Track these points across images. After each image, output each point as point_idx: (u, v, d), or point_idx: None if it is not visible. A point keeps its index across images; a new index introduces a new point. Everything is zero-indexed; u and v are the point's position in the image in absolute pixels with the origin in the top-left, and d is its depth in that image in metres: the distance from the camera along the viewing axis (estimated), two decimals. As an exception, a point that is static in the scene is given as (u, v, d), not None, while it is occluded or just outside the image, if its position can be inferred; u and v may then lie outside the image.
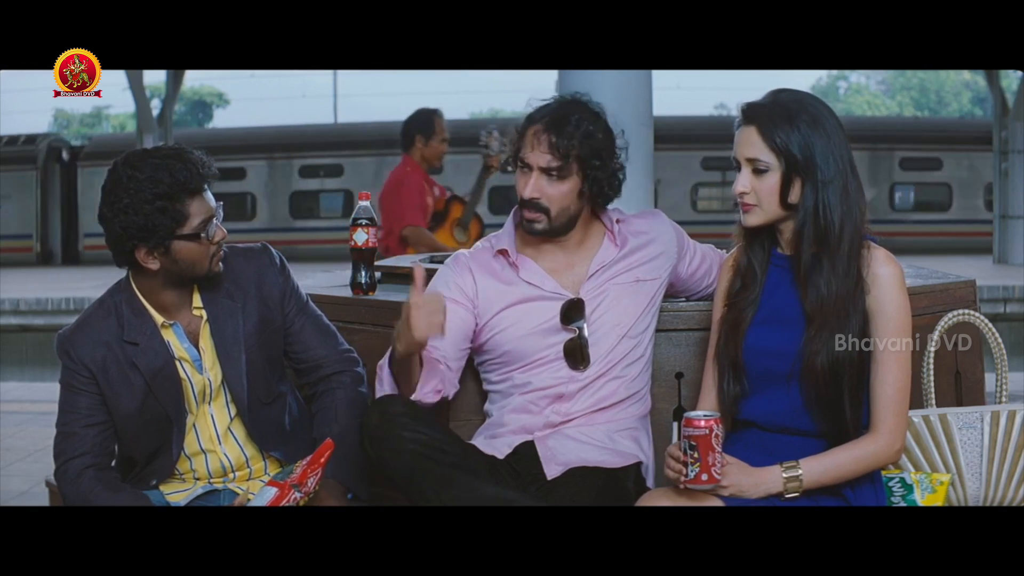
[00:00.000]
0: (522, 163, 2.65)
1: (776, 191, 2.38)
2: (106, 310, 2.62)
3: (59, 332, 2.65)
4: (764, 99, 2.41)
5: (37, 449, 5.66)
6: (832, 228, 2.35)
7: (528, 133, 2.64)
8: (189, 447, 2.67)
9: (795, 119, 2.36)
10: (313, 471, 2.48)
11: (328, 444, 2.50)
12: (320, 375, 2.74)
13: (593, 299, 2.68)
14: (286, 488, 2.47)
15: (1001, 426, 2.60)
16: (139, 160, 2.52)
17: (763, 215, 2.41)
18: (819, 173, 2.35)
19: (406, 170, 6.02)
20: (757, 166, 2.38)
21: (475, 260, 2.74)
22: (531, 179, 2.63)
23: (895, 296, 2.39)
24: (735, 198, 2.42)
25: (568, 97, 2.68)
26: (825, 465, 2.37)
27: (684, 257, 2.80)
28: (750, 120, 2.39)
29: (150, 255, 2.53)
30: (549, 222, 2.65)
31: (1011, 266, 16.75)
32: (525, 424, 2.67)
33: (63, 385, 2.63)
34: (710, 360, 2.53)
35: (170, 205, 2.49)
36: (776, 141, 2.35)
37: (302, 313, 2.74)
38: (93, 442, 2.60)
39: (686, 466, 2.28)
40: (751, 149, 2.38)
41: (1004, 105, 17.91)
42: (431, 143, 6.01)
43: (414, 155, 6.04)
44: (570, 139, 2.60)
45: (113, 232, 2.52)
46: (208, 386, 2.65)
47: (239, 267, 2.67)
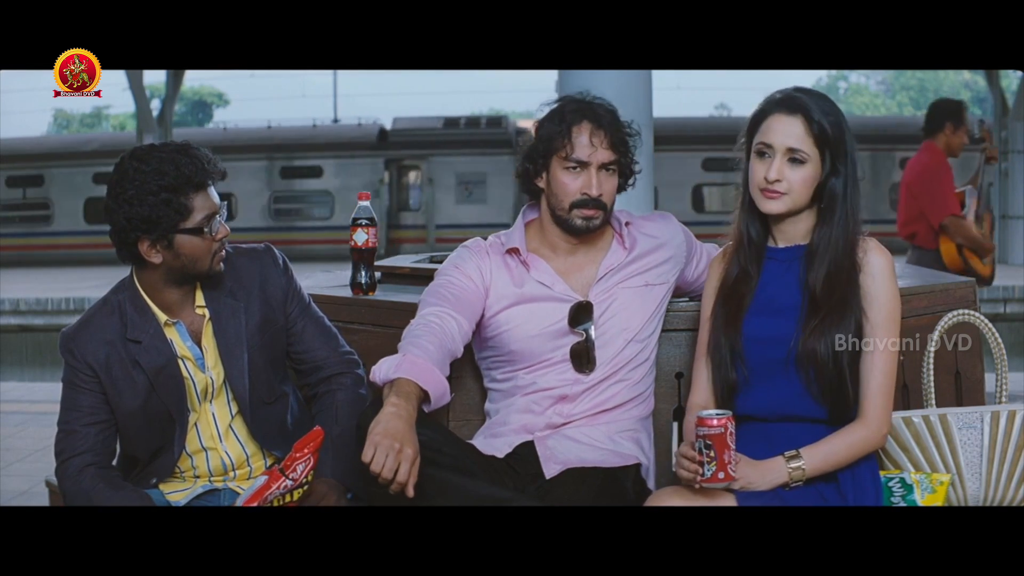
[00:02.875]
0: (575, 162, 2.65)
1: (811, 183, 2.44)
2: (109, 308, 2.63)
3: (62, 330, 2.66)
4: (800, 92, 2.47)
5: (37, 449, 5.67)
6: (854, 218, 2.46)
7: (580, 132, 2.65)
8: (190, 445, 2.67)
9: (837, 118, 2.45)
10: (301, 458, 2.50)
11: (318, 431, 2.52)
12: (321, 376, 2.75)
13: (602, 302, 2.68)
14: (275, 474, 2.49)
15: (1001, 426, 2.60)
16: (146, 154, 2.54)
17: (790, 203, 2.46)
18: (849, 173, 2.45)
19: (936, 158, 5.95)
20: (797, 156, 2.43)
21: (492, 250, 2.75)
22: (592, 177, 2.64)
23: (886, 285, 2.46)
24: (759, 185, 2.45)
25: (585, 96, 2.71)
26: (824, 452, 2.42)
27: (692, 261, 2.81)
28: (796, 110, 2.44)
29: (153, 248, 2.54)
30: (604, 217, 2.69)
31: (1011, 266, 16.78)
32: (526, 424, 2.67)
33: (65, 383, 2.64)
34: (700, 356, 2.56)
35: (174, 198, 2.50)
36: (824, 135, 2.42)
37: (304, 314, 2.75)
38: (94, 440, 2.60)
39: (702, 465, 2.30)
40: (794, 139, 2.43)
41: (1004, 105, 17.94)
42: (958, 132, 5.96)
43: (939, 141, 5.98)
44: (618, 133, 2.66)
45: (117, 223, 2.53)
46: (210, 384, 2.65)
47: (242, 267, 2.68)
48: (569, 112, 2.67)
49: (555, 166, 2.67)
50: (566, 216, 2.67)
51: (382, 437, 2.28)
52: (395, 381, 2.40)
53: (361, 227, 3.09)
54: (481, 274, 2.70)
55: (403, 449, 2.28)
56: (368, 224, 3.10)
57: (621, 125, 2.69)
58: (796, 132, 2.43)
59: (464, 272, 2.69)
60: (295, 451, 2.51)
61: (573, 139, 2.65)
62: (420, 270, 3.27)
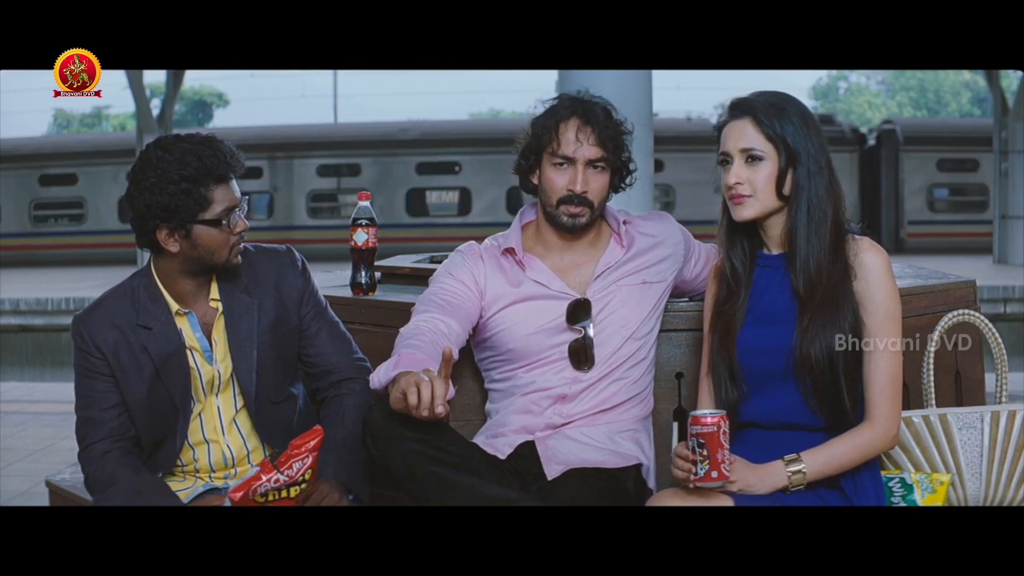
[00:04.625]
0: (562, 159, 2.66)
1: (772, 180, 2.43)
2: (123, 293, 2.66)
3: (76, 313, 2.69)
4: (751, 95, 2.48)
5: (37, 449, 5.67)
6: (824, 218, 2.42)
7: (566, 128, 2.65)
8: (193, 436, 2.69)
9: (786, 111, 2.44)
10: (297, 456, 2.51)
11: (317, 431, 2.53)
12: (331, 380, 2.75)
13: (599, 300, 2.68)
14: (267, 467, 2.50)
15: (1001, 426, 2.60)
16: (170, 144, 2.57)
17: (758, 206, 2.44)
18: (812, 163, 2.42)
19: None
20: (753, 154, 2.43)
21: (487, 252, 2.75)
22: (578, 173, 2.65)
23: (883, 284, 2.43)
24: (725, 193, 2.47)
25: (581, 94, 2.71)
26: (826, 456, 2.40)
27: (690, 260, 2.81)
28: (743, 112, 2.45)
29: (171, 236, 2.56)
30: (592, 215, 2.68)
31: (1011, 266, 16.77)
32: (526, 424, 2.67)
33: (78, 370, 2.66)
34: (704, 372, 2.55)
35: (195, 188, 2.53)
36: (773, 130, 2.42)
37: (319, 317, 2.76)
38: (113, 425, 2.63)
39: (695, 464, 2.29)
40: (745, 140, 2.43)
41: (1004, 105, 17.93)
42: None
43: None
44: (607, 130, 2.65)
45: (137, 210, 2.56)
46: (217, 378, 2.67)
47: (260, 265, 2.70)
48: (560, 108, 2.68)
49: (545, 162, 2.68)
50: (554, 212, 2.69)
51: (404, 380, 2.31)
52: (395, 378, 2.40)
53: (361, 227, 3.10)
54: (474, 278, 2.70)
55: (420, 380, 2.30)
56: (368, 224, 3.10)
57: (613, 123, 2.68)
58: (747, 132, 2.43)
59: (456, 277, 2.69)
60: (292, 448, 2.52)
61: (560, 135, 2.65)
62: (420, 270, 3.27)
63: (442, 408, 2.30)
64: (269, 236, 18.40)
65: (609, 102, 2.73)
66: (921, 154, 20.48)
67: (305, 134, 21.83)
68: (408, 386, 2.30)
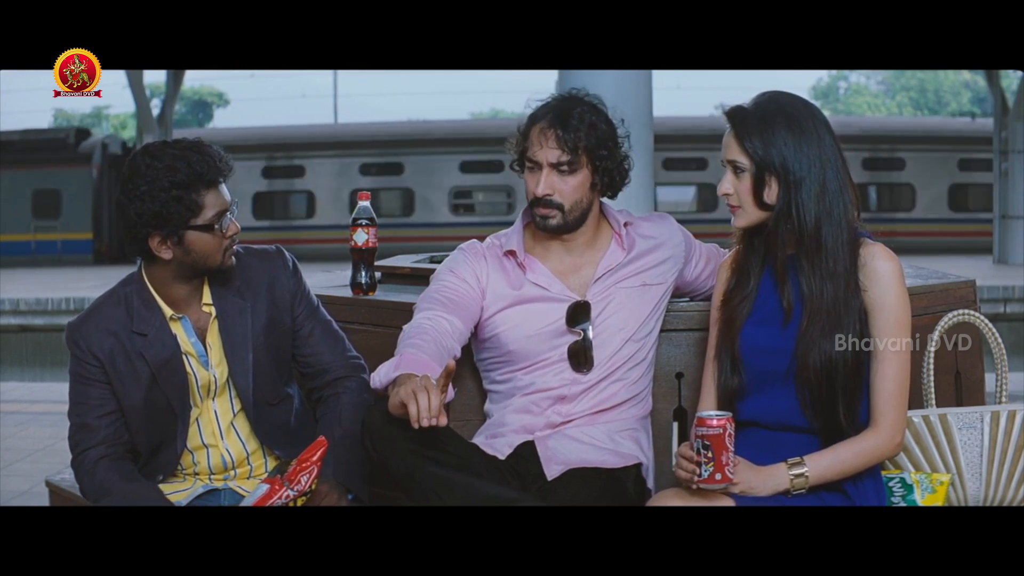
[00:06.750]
0: (531, 162, 2.66)
1: (751, 192, 2.42)
2: (116, 300, 2.65)
3: (69, 322, 2.68)
4: (746, 103, 2.46)
5: (37, 449, 5.67)
6: (806, 228, 2.39)
7: (533, 131, 2.65)
8: (191, 441, 2.68)
9: (768, 120, 2.40)
10: (305, 469, 2.49)
11: (321, 442, 2.52)
12: (326, 380, 2.75)
13: (599, 302, 2.68)
14: (277, 483, 2.49)
15: (1001, 426, 2.60)
16: (158, 150, 2.55)
17: (745, 215, 2.45)
18: (791, 174, 2.39)
19: None
20: (737, 166, 2.43)
21: (489, 251, 2.75)
22: (542, 176, 2.64)
23: (894, 292, 2.41)
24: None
25: (566, 93, 2.70)
26: (829, 460, 2.39)
27: (691, 261, 2.81)
28: (728, 122, 2.45)
29: (163, 244, 2.55)
30: (563, 217, 2.67)
31: (1011, 266, 16.79)
32: (526, 424, 2.67)
33: (73, 376, 2.65)
34: (709, 361, 2.55)
35: (186, 194, 2.52)
36: (746, 144, 2.40)
37: (312, 317, 2.75)
38: (106, 432, 2.62)
39: (699, 466, 2.29)
40: (729, 151, 2.44)
41: (1004, 105, 17.94)
42: None
43: None
44: (576, 132, 2.62)
45: (128, 219, 2.54)
46: (213, 382, 2.66)
47: (252, 267, 2.70)
48: (536, 111, 2.68)
49: (524, 164, 2.69)
50: (533, 213, 2.69)
51: (404, 390, 2.31)
52: (396, 379, 2.40)
53: (361, 227, 3.09)
54: (476, 276, 2.70)
55: (418, 388, 2.29)
56: (368, 224, 3.10)
57: (588, 124, 2.63)
58: (730, 144, 2.43)
59: (459, 275, 2.69)
60: (299, 463, 2.50)
61: (531, 138, 2.66)
62: (420, 270, 3.27)
63: (441, 419, 2.30)
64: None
65: (601, 101, 2.70)
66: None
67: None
68: (408, 397, 2.30)
